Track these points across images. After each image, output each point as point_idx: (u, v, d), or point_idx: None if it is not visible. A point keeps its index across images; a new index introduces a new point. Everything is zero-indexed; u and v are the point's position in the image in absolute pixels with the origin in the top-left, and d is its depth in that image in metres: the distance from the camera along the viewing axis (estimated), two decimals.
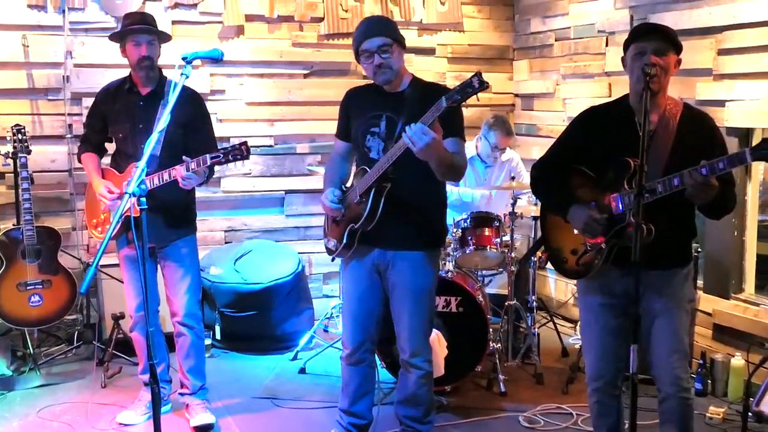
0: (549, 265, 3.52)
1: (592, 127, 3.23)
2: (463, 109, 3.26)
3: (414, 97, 3.45)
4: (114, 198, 3.96)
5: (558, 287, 6.43)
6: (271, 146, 6.16)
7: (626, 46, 3.10)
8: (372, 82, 3.67)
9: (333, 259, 3.84)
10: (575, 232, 3.22)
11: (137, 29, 3.95)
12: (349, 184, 3.73)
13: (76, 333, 5.37)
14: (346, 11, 6.14)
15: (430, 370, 3.73)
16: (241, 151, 3.62)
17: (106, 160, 4.29)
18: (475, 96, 2.96)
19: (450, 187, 5.67)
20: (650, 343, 3.15)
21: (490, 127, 5.50)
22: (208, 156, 3.63)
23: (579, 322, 3.46)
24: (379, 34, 3.44)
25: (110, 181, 4.08)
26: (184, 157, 3.68)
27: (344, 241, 3.57)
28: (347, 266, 3.74)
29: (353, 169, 3.72)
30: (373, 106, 3.55)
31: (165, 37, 4.09)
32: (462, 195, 5.60)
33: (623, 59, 3.13)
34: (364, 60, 3.47)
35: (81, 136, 4.45)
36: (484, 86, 2.93)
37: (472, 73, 2.96)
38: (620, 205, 3.05)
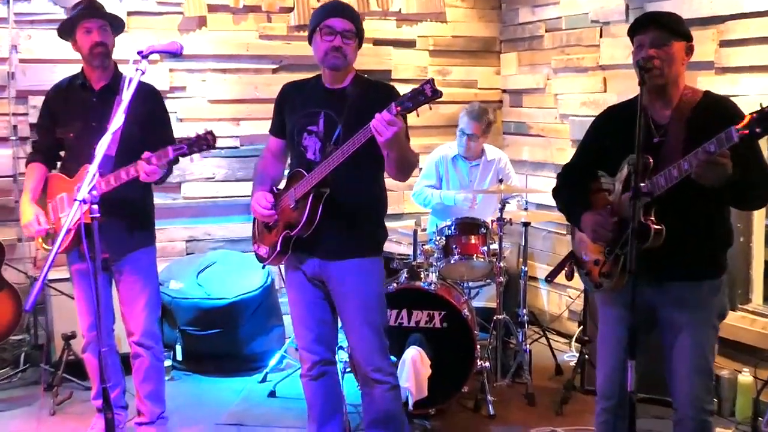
0: (558, 279, 3.57)
1: (608, 128, 3.30)
2: (443, 107, 3.30)
3: (356, 96, 3.51)
4: (41, 231, 3.97)
5: (551, 300, 6.46)
6: (236, 148, 6.15)
7: (632, 39, 3.16)
8: (310, 77, 3.73)
9: (264, 266, 3.88)
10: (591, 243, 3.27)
11: (86, 14, 3.95)
12: (281, 186, 3.76)
13: (23, 355, 5.33)
14: (318, 1, 6.15)
15: (395, 382, 3.74)
16: (206, 141, 3.62)
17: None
18: (427, 105, 3.03)
19: (431, 191, 5.70)
20: (671, 360, 3.16)
21: (462, 114, 5.58)
22: (170, 148, 3.62)
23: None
24: (349, 18, 3.52)
25: (58, 187, 4.06)
26: (144, 154, 3.67)
27: (278, 248, 3.60)
28: (288, 277, 3.78)
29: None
30: (310, 102, 3.60)
31: (118, 24, 4.09)
32: (443, 198, 5.63)
33: (633, 53, 3.18)
34: (321, 37, 3.49)
35: (32, 142, 4.42)
36: (436, 95, 3.02)
37: (426, 79, 3.05)
38: (629, 208, 3.07)
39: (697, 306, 3.12)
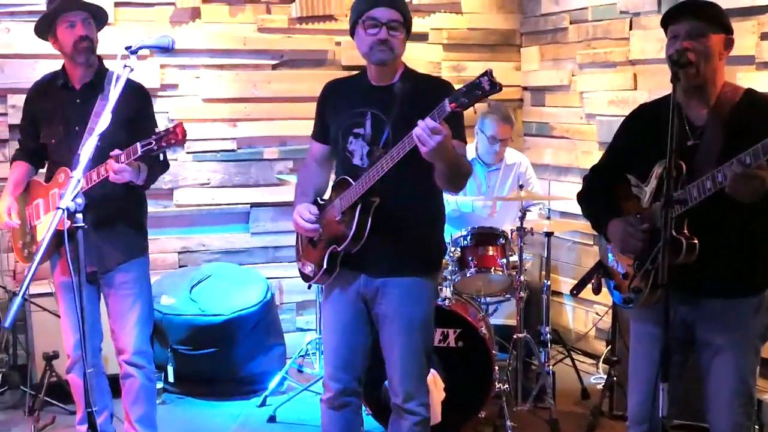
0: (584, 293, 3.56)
1: (639, 128, 3.29)
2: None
3: (406, 93, 3.44)
4: (10, 224, 4.04)
5: (576, 317, 6.45)
6: (233, 151, 6.17)
7: (665, 30, 3.14)
8: (355, 73, 3.69)
9: (309, 287, 3.85)
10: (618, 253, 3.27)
11: (66, 6, 3.94)
12: (326, 196, 3.75)
13: (1, 376, 5.34)
14: None
15: (428, 416, 3.73)
16: (175, 135, 3.57)
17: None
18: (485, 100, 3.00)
19: (446, 196, 5.69)
20: (708, 382, 3.15)
21: (484, 116, 5.53)
22: (138, 144, 3.59)
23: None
24: (394, 6, 3.46)
25: (36, 193, 4.09)
26: (113, 152, 3.65)
27: (324, 265, 3.57)
28: (328, 295, 3.74)
29: (332, 177, 3.74)
30: (356, 102, 3.56)
31: (102, 16, 4.10)
32: (460, 205, 5.63)
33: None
34: (365, 30, 3.44)
35: (18, 140, 4.45)
36: (496, 89, 2.97)
37: (481, 72, 2.99)
38: (659, 218, 3.04)
39: (736, 325, 3.11)
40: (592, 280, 3.55)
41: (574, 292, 3.77)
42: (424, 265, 3.63)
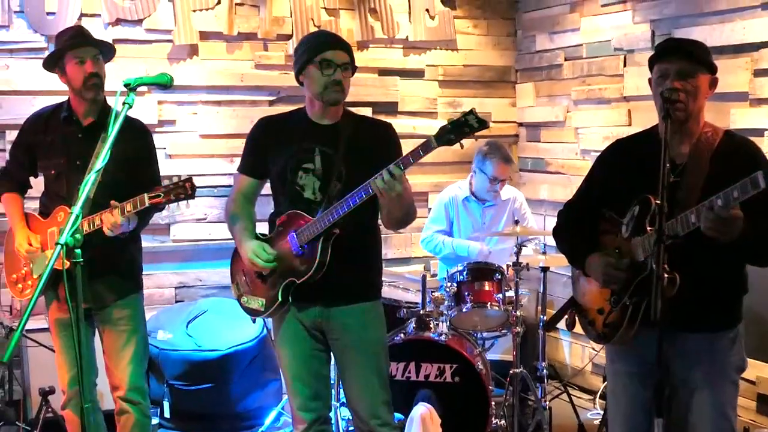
0: (577, 328, 3.57)
1: (617, 163, 3.32)
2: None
3: (349, 132, 3.62)
4: (31, 251, 4.00)
5: (573, 352, 6.45)
6: (230, 186, 6.17)
7: (651, 66, 3.19)
8: (289, 111, 3.84)
9: (254, 321, 3.91)
10: (600, 287, 3.26)
11: (79, 42, 3.99)
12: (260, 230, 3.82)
13: None
14: (319, 27, 6.23)
15: None
16: (184, 190, 3.65)
17: (30, 204, 4.31)
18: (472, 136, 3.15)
19: (442, 238, 5.72)
20: (688, 420, 3.14)
21: (485, 156, 5.57)
22: (146, 196, 3.65)
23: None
24: (346, 50, 3.63)
25: (34, 229, 4.10)
26: (113, 202, 3.70)
27: (279, 298, 3.63)
28: (280, 328, 3.78)
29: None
30: (301, 138, 3.66)
31: (109, 51, 4.14)
32: (456, 248, 5.64)
33: (650, 81, 3.21)
34: (320, 70, 3.56)
35: (1, 171, 4.45)
36: (484, 125, 3.08)
37: (467, 110, 3.15)
38: (639, 252, 3.08)
39: (713, 360, 3.12)
40: (566, 316, 3.57)
41: (547, 326, 3.80)
42: (373, 290, 3.79)
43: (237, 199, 3.89)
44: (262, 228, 3.89)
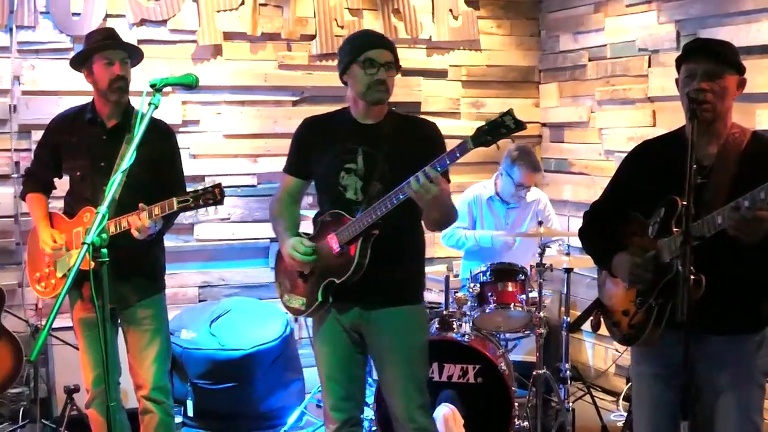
0: (601, 330, 3.56)
1: (643, 164, 3.30)
2: None
3: (392, 132, 3.60)
4: (57, 248, 4.02)
5: (596, 353, 6.43)
6: (253, 186, 6.22)
7: (678, 66, 3.17)
8: (333, 111, 3.82)
9: (296, 320, 3.91)
10: (625, 288, 3.25)
11: (108, 44, 4.01)
12: (304, 230, 3.81)
13: (22, 410, 5.35)
14: (342, 27, 6.25)
15: None
16: (213, 195, 3.68)
17: (55, 204, 4.34)
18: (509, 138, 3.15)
19: (464, 232, 5.72)
20: (713, 424, 3.12)
21: (514, 162, 5.55)
22: (174, 200, 3.68)
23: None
24: (389, 49, 3.59)
25: (59, 228, 4.13)
26: (141, 205, 3.73)
27: (319, 298, 3.62)
28: (319, 328, 3.78)
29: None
30: (345, 138, 3.65)
31: (137, 55, 4.17)
32: (480, 239, 5.63)
33: (677, 82, 3.19)
34: (363, 69, 3.54)
35: (25, 171, 4.49)
36: (520, 126, 3.08)
37: (504, 111, 3.13)
38: (665, 253, 3.07)
39: (739, 363, 3.09)
40: (591, 317, 3.56)
41: (573, 327, 3.78)
42: (414, 293, 3.76)
43: (282, 198, 3.89)
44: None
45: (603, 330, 3.59)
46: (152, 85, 3.09)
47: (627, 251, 3.21)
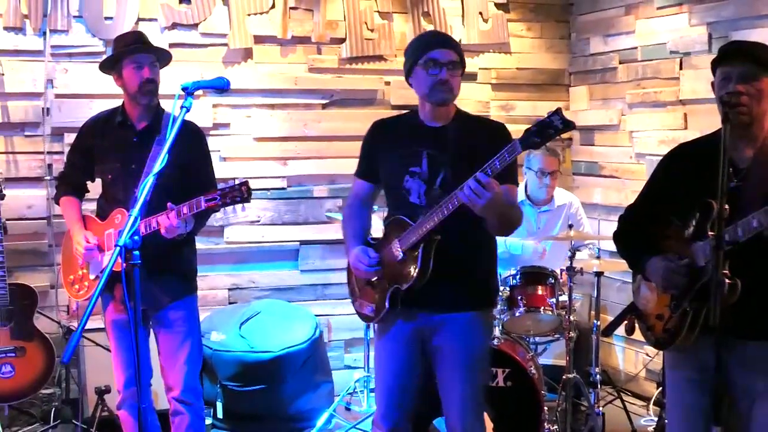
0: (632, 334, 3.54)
1: (679, 168, 3.27)
2: None
3: (459, 133, 3.52)
4: (90, 248, 4.05)
5: (627, 358, 6.39)
6: (283, 189, 6.24)
7: (713, 69, 3.15)
8: (403, 113, 3.76)
9: (368, 326, 3.88)
10: (660, 292, 3.23)
11: (137, 48, 4.05)
12: (375, 235, 3.78)
13: (53, 410, 5.38)
14: (372, 31, 6.26)
15: None
16: (240, 193, 3.68)
17: (88, 206, 4.38)
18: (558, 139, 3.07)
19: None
20: (749, 430, 3.09)
21: (528, 153, 5.54)
22: (202, 198, 3.69)
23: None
24: (454, 48, 3.53)
25: (91, 230, 4.16)
26: (169, 204, 3.75)
27: (386, 305, 3.60)
28: (383, 332, 3.75)
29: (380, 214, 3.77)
30: (410, 141, 3.60)
31: (166, 58, 4.21)
32: (510, 247, 5.62)
33: (713, 84, 3.16)
34: (426, 70, 3.48)
35: (58, 175, 4.54)
36: (569, 126, 3.02)
37: (552, 110, 3.05)
38: (700, 257, 3.05)
39: None
40: (625, 321, 3.54)
41: (606, 332, 3.75)
42: (481, 300, 3.67)
43: (353, 204, 3.88)
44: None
45: (635, 334, 3.57)
46: (184, 88, 3.11)
47: (662, 255, 3.18)
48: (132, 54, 4.03)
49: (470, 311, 3.60)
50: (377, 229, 3.94)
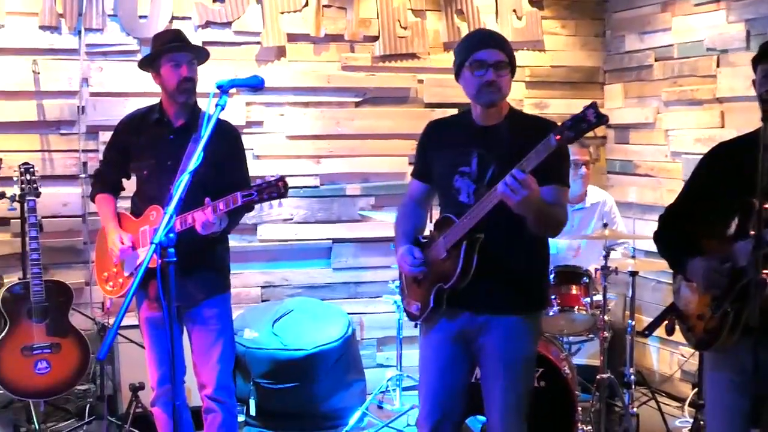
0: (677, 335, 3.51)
1: (719, 167, 3.25)
2: None
3: (509, 132, 3.48)
4: (124, 249, 4.09)
5: (661, 358, 6.35)
6: (316, 187, 6.25)
7: (754, 67, 3.12)
8: (458, 113, 3.76)
9: (416, 325, 3.87)
10: (702, 292, 3.20)
11: (175, 47, 4.07)
12: (426, 233, 3.77)
13: (88, 406, 5.44)
14: (405, 29, 6.26)
15: None
16: (277, 188, 3.67)
17: (121, 204, 4.41)
18: (591, 133, 3.03)
19: None
20: None
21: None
22: (239, 194, 3.69)
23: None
24: (500, 48, 3.48)
25: (126, 227, 4.19)
26: (207, 200, 3.76)
27: (431, 303, 3.58)
28: (428, 332, 3.73)
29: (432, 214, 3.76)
30: (461, 141, 3.58)
31: (203, 56, 4.23)
32: None
33: (754, 82, 3.14)
34: (472, 72, 3.45)
35: (94, 172, 4.58)
36: (602, 120, 2.97)
37: (587, 104, 3.00)
38: (742, 257, 3.01)
39: None
40: (665, 321, 3.50)
41: (646, 332, 3.72)
42: (527, 303, 3.61)
43: (407, 203, 3.87)
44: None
45: (659, 332, 3.55)
46: (219, 87, 3.11)
47: (702, 255, 3.16)
48: (170, 52, 4.05)
49: (515, 314, 3.54)
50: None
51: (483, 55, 3.43)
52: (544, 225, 3.39)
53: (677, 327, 3.43)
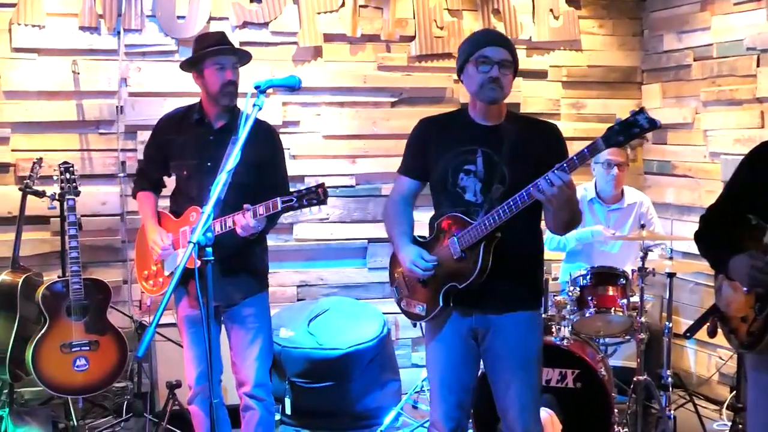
0: (704, 336, 3.49)
1: (762, 167, 3.23)
2: (576, 143, 3.32)
3: (513, 134, 3.51)
4: (165, 248, 4.12)
5: (699, 360, 6.30)
6: (352, 187, 6.27)
7: None
8: (452, 111, 3.80)
9: (415, 325, 3.88)
10: (744, 293, 3.18)
11: (221, 50, 4.10)
12: (418, 233, 3.79)
13: (125, 403, 5.51)
14: (441, 29, 6.26)
15: None
16: (317, 195, 3.71)
17: (163, 203, 4.46)
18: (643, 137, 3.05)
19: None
20: None
21: None
22: (279, 200, 3.72)
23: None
24: (505, 47, 3.52)
25: (166, 227, 4.23)
26: (246, 205, 3.79)
27: (440, 303, 3.59)
28: (435, 332, 3.74)
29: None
30: (463, 140, 3.60)
31: (246, 60, 4.26)
32: (579, 237, 5.53)
33: None
34: (476, 67, 3.49)
35: (136, 171, 4.63)
36: (655, 125, 3.00)
37: (635, 109, 3.05)
38: None
39: None
40: (707, 323, 3.48)
41: (688, 334, 3.70)
42: (533, 300, 3.69)
43: (396, 201, 3.86)
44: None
45: (704, 335, 3.52)
46: (257, 87, 3.13)
47: (745, 254, 3.14)
48: (215, 55, 4.08)
49: (522, 311, 3.60)
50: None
51: (489, 51, 3.48)
52: (571, 222, 3.50)
53: (719, 329, 3.40)
